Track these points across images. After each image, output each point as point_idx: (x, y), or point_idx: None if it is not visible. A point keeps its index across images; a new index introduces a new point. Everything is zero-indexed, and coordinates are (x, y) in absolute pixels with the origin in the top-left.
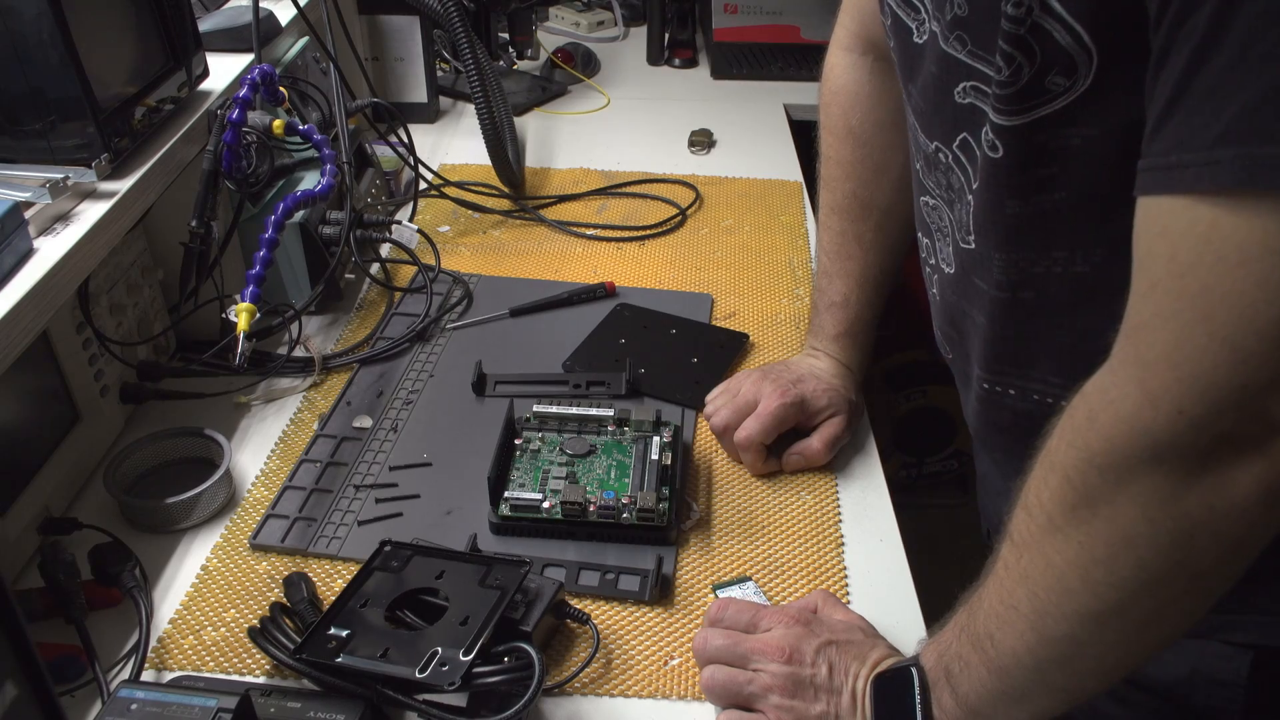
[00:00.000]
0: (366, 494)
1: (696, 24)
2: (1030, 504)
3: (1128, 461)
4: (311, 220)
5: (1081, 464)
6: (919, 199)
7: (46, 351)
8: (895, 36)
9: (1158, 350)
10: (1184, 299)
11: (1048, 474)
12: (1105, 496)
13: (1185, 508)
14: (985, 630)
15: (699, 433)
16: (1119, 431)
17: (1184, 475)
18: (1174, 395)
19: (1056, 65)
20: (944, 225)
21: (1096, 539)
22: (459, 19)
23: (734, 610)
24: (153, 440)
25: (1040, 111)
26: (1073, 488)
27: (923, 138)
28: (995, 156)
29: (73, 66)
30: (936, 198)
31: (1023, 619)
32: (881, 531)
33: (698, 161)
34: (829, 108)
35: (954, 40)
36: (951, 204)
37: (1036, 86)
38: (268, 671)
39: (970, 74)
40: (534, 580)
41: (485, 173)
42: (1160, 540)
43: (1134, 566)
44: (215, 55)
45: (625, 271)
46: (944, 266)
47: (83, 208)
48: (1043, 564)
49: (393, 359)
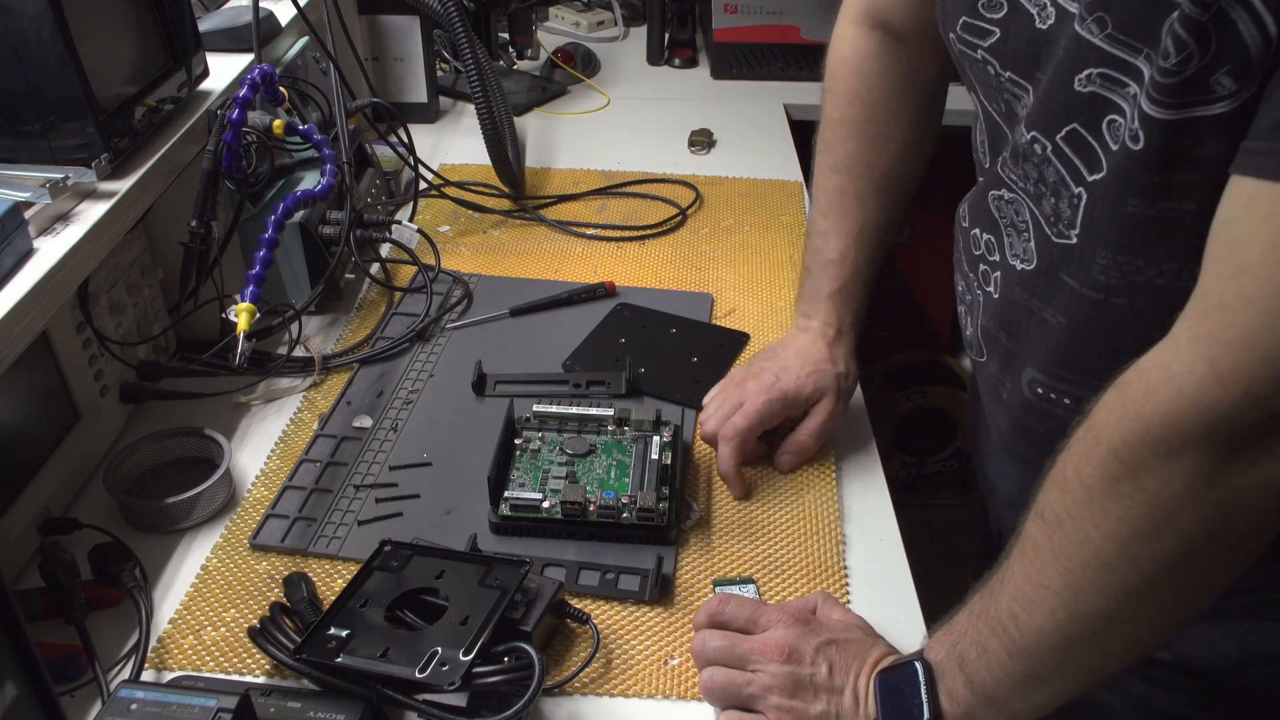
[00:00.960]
0: (366, 494)
1: (696, 24)
2: (1068, 479)
3: (1182, 436)
4: (311, 220)
5: (1132, 438)
6: (988, 193)
7: (46, 351)
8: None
9: (1235, 332)
10: (1274, 286)
11: (1091, 448)
12: (1152, 471)
13: (1229, 482)
14: (1009, 612)
15: (699, 432)
16: (1179, 407)
17: (1231, 450)
18: (1244, 376)
19: (1229, 63)
20: (1021, 220)
21: (1139, 513)
22: (459, 19)
23: (733, 606)
24: (153, 440)
25: (1195, 111)
26: (1119, 460)
27: (1019, 129)
28: (1134, 149)
29: (73, 66)
30: (1017, 190)
31: (1054, 596)
32: (881, 531)
33: (698, 161)
34: (835, 72)
35: (1092, 22)
36: (1040, 198)
37: (1200, 82)
38: (268, 671)
39: (1101, 59)
40: (534, 580)
41: (485, 173)
42: (1202, 513)
43: (1175, 539)
44: (215, 55)
45: (625, 271)
46: (1016, 262)
47: (83, 208)
48: (1079, 539)
49: (393, 359)
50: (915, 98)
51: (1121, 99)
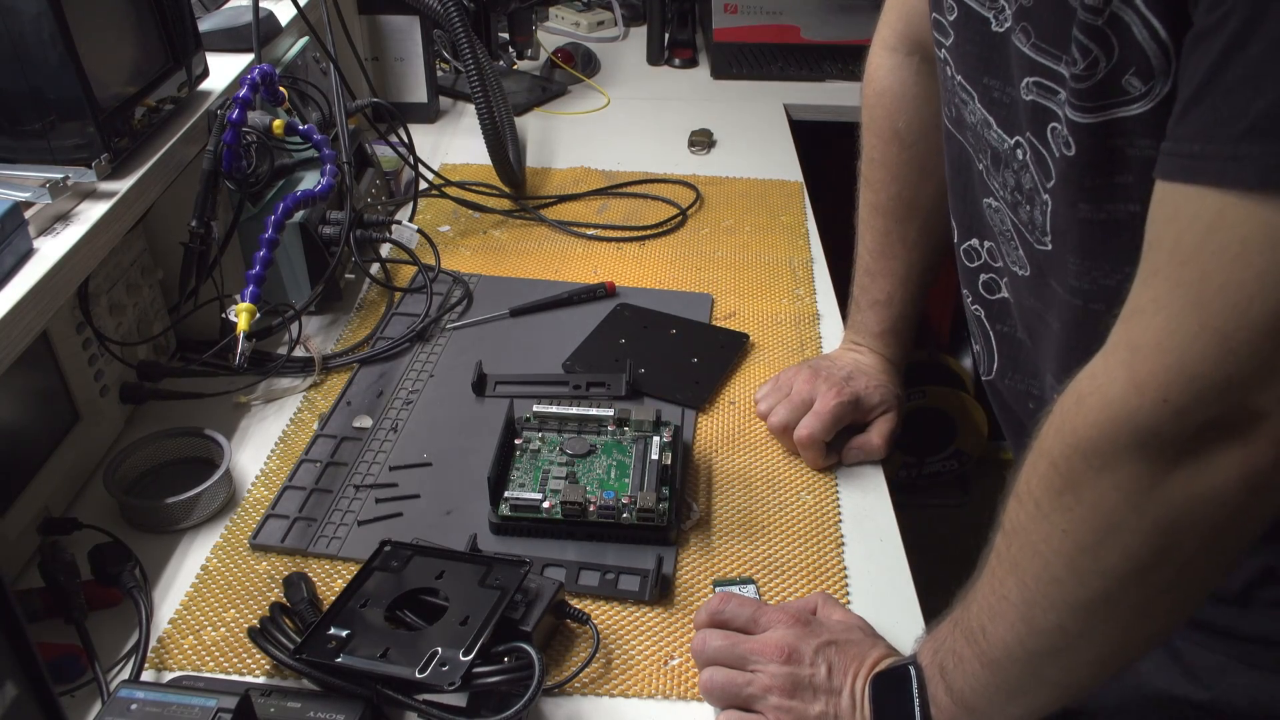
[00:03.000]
0: (366, 494)
1: (696, 24)
2: (1020, 492)
3: (1112, 447)
4: (311, 220)
5: (1067, 449)
6: (982, 201)
7: (46, 351)
8: (963, 30)
9: (1149, 336)
10: (1180, 286)
11: (1036, 460)
12: (1089, 482)
13: (1168, 494)
14: (978, 623)
15: (699, 433)
16: (1104, 416)
17: (1166, 462)
18: (1160, 382)
19: (1134, 64)
20: (1006, 228)
21: (1082, 526)
22: (459, 19)
23: (734, 606)
24: (153, 440)
25: (1115, 113)
26: (1059, 473)
27: (997, 133)
28: (1069, 154)
29: (73, 66)
30: (1000, 199)
31: (1013, 609)
32: (881, 531)
33: (698, 161)
34: (873, 109)
35: (1019, 31)
36: (1017, 205)
37: (1113, 85)
38: (268, 671)
39: (1034, 68)
40: (534, 580)
41: (485, 173)
42: (1144, 527)
43: (1120, 554)
44: (215, 55)
45: (625, 271)
46: (1016, 269)
47: (83, 208)
48: (1031, 552)
49: (393, 359)
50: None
51: (1056, 106)
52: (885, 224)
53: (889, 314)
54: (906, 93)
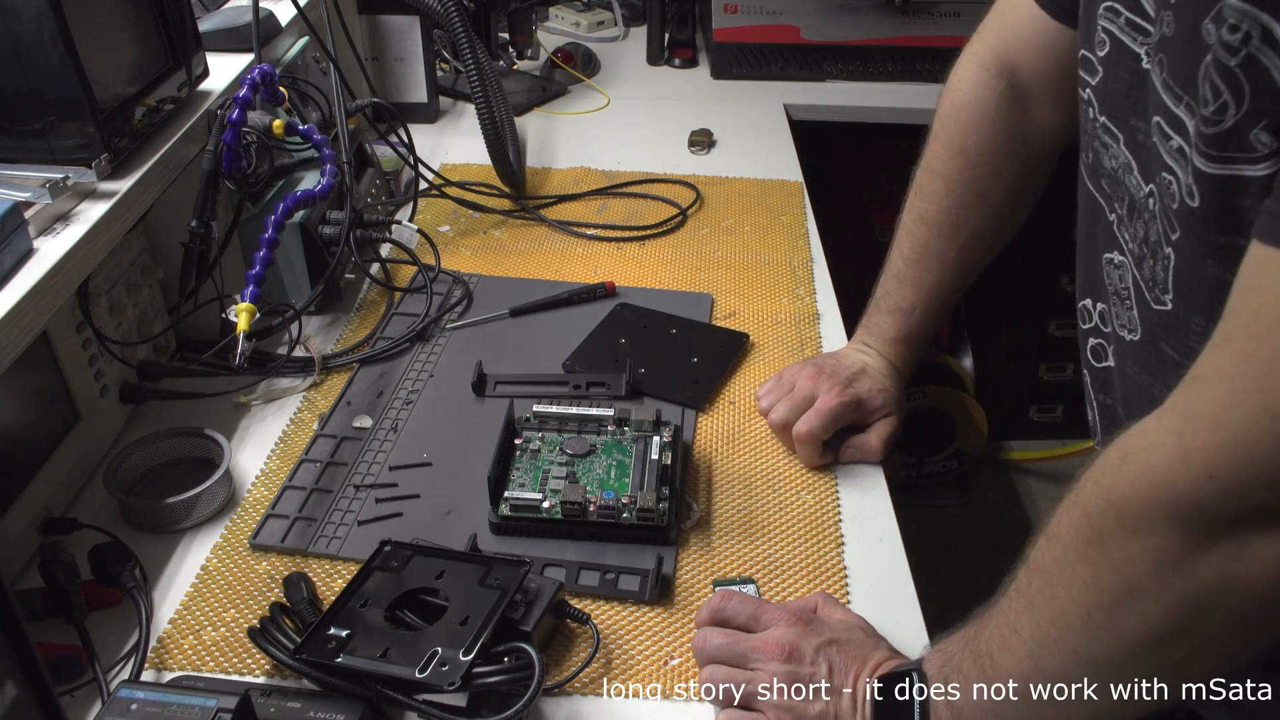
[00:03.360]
0: (366, 494)
1: (696, 24)
2: (1050, 532)
3: (1148, 512)
4: (311, 220)
5: (1102, 504)
6: (1102, 256)
7: (46, 351)
8: (1113, 66)
9: (1206, 407)
10: (1249, 362)
11: (1071, 506)
12: (1118, 542)
13: (1198, 572)
14: (987, 649)
15: (699, 432)
16: (1145, 481)
17: (1202, 538)
18: (1209, 459)
19: (1266, 116)
20: (1125, 286)
21: (1104, 583)
22: (459, 19)
23: (735, 604)
24: (153, 440)
25: (1239, 169)
26: (1090, 525)
27: (1136, 180)
28: (1192, 206)
29: (73, 66)
30: (1127, 253)
31: (1022, 645)
32: (881, 531)
33: (698, 161)
34: (947, 120)
35: (1155, 63)
36: (1142, 260)
37: (1240, 137)
38: (268, 671)
39: (1159, 107)
40: (534, 580)
41: (485, 173)
42: (1167, 599)
43: (1138, 620)
44: (215, 55)
45: (625, 271)
46: (1124, 333)
47: (83, 208)
48: (1049, 594)
49: (393, 359)
50: (1020, 160)
51: (1167, 154)
52: (927, 235)
53: (908, 323)
54: (985, 113)
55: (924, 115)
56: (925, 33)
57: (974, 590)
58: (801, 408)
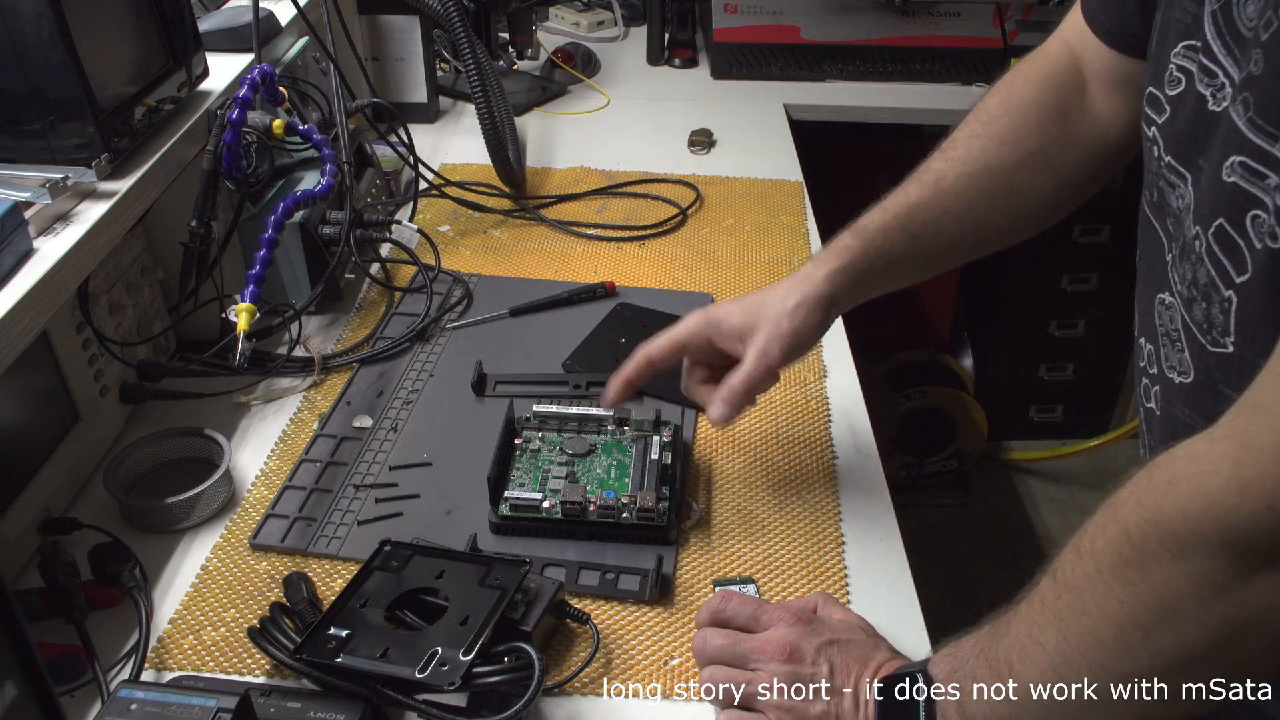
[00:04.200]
0: (366, 494)
1: (696, 24)
2: (1083, 547)
3: (1195, 538)
4: (311, 220)
5: (1145, 525)
6: (1155, 296)
7: (46, 351)
8: (1180, 107)
9: (1268, 439)
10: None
11: (1108, 523)
12: (1161, 564)
13: (1243, 597)
14: (1006, 658)
15: (699, 433)
16: (1196, 506)
17: (1251, 565)
18: (1268, 490)
19: None
20: (1174, 328)
21: (1141, 603)
22: (459, 19)
23: (735, 604)
24: (153, 440)
25: None
26: (1131, 545)
27: (1190, 222)
28: (1274, 247)
29: (73, 66)
30: (1176, 294)
31: (1047, 658)
32: (881, 531)
33: (698, 161)
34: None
35: (1239, 103)
36: (1191, 303)
37: None
38: (268, 671)
39: (1243, 146)
40: (534, 580)
41: (485, 172)
42: (1209, 621)
43: (1174, 639)
44: (215, 55)
45: (625, 271)
46: (1174, 375)
47: (83, 208)
48: (1079, 610)
49: (393, 359)
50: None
51: (1262, 191)
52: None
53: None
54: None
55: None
56: (925, 33)
57: (974, 590)
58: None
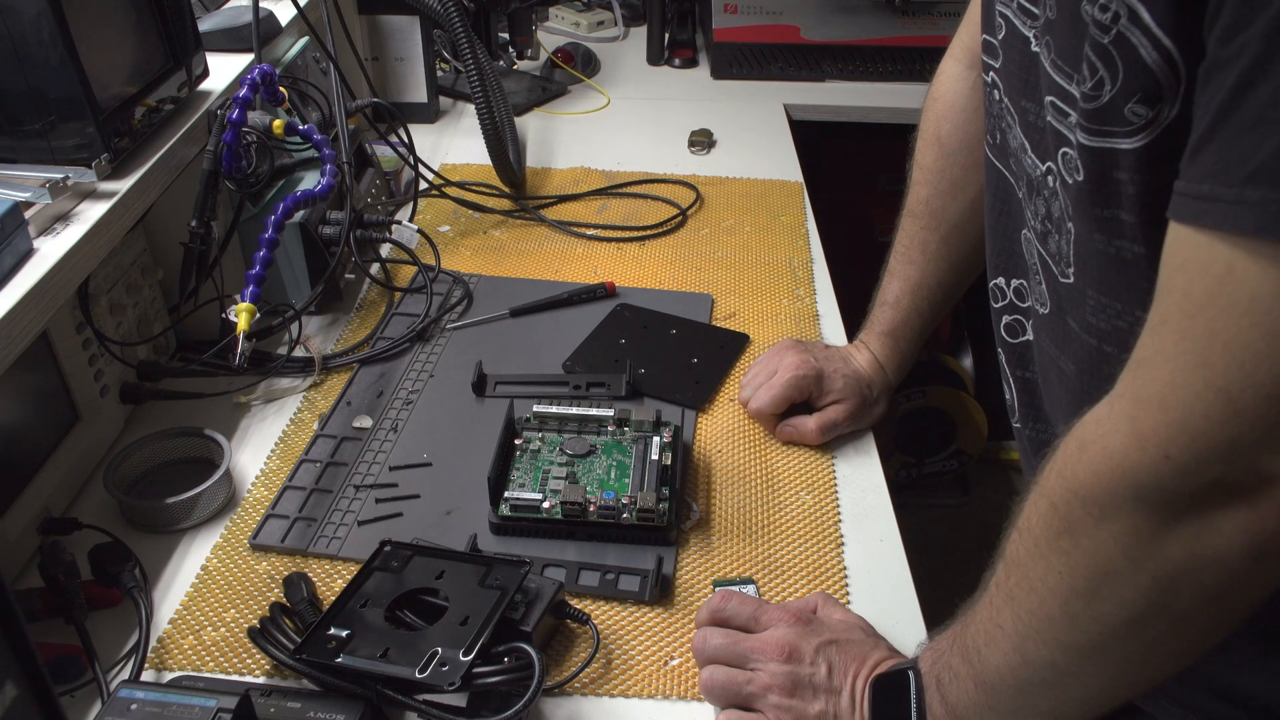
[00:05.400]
0: (366, 494)
1: (696, 24)
2: (1021, 526)
3: (1111, 498)
4: (311, 220)
5: (1067, 494)
6: (1020, 233)
7: (46, 351)
8: (1009, 49)
9: (1153, 389)
10: (1187, 340)
11: (1038, 498)
12: (1087, 530)
13: (1167, 551)
14: (974, 644)
15: (699, 433)
16: (1105, 467)
17: (1167, 518)
18: (1162, 438)
19: (1139, 90)
20: (1035, 261)
21: (1077, 571)
22: (459, 19)
23: (735, 604)
24: (153, 440)
25: (1116, 142)
26: (1058, 516)
27: (1031, 159)
28: (1079, 180)
29: (73, 66)
30: (1031, 229)
31: (1007, 639)
32: (881, 531)
33: (698, 161)
34: (926, 113)
35: (1043, 46)
36: (1047, 235)
37: (1116, 112)
38: (268, 671)
39: (1051, 87)
40: (534, 580)
41: (485, 173)
42: (1141, 580)
43: (1114, 604)
44: (215, 55)
45: (625, 271)
46: (1038, 307)
47: (83, 208)
48: (1027, 587)
49: (393, 359)
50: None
51: (1066, 129)
52: (911, 228)
53: (893, 317)
54: (957, 103)
55: None
56: (925, 33)
57: (974, 590)
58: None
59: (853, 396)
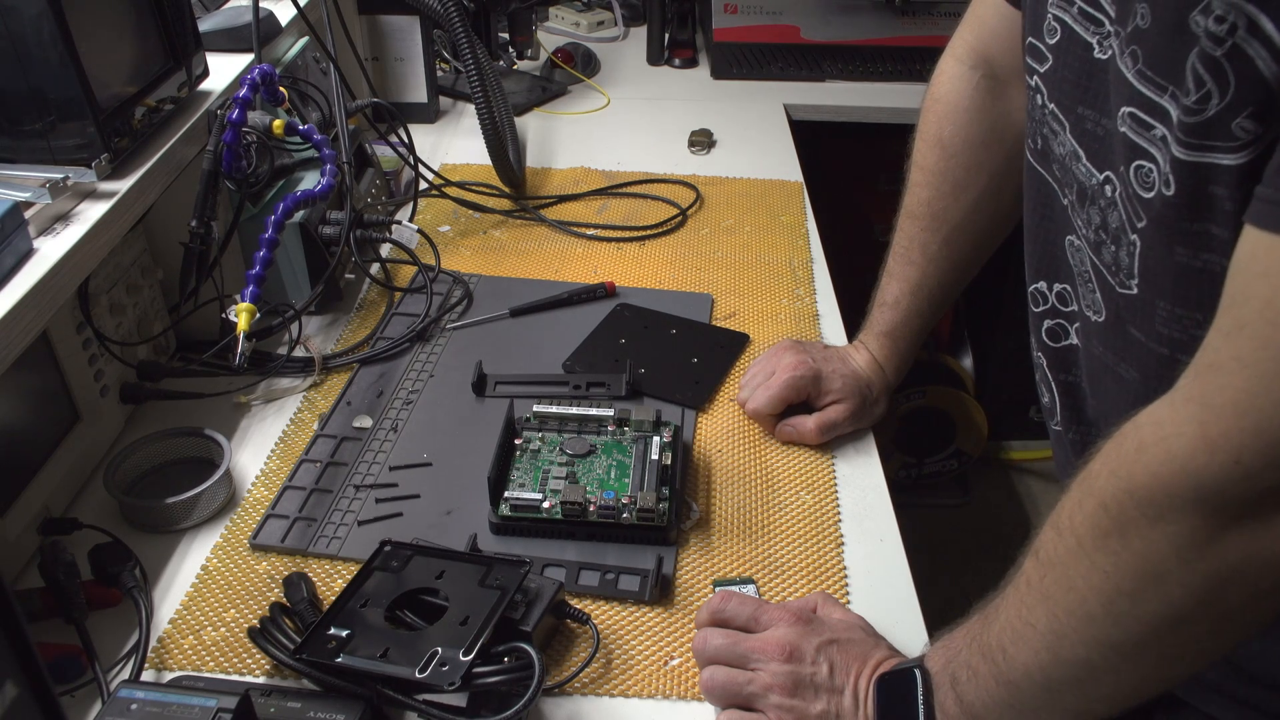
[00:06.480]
0: (366, 494)
1: (696, 24)
2: (1061, 524)
3: (1170, 500)
4: (311, 220)
5: (1120, 494)
6: (1064, 239)
7: (46, 351)
8: (1063, 55)
9: (1228, 395)
10: (1268, 348)
11: (1084, 497)
12: (1140, 530)
13: (1221, 552)
14: (998, 643)
15: (699, 433)
16: (1167, 470)
17: (1226, 520)
18: (1234, 444)
19: (1251, 105)
20: (1085, 269)
21: (1125, 571)
22: (459, 19)
23: (735, 604)
24: (153, 440)
25: (1218, 158)
26: (1108, 515)
27: (1085, 167)
28: (1168, 194)
29: (73, 66)
30: (1083, 238)
31: (1039, 637)
32: (881, 531)
33: (698, 161)
34: (926, 113)
35: (1127, 56)
36: (1100, 245)
37: (1221, 126)
38: (268, 671)
39: (1132, 98)
40: (534, 580)
41: (485, 173)
42: (1192, 581)
43: (1161, 602)
44: (215, 55)
45: (625, 271)
46: (1090, 314)
47: (83, 208)
48: (1066, 586)
49: (393, 359)
50: (1001, 151)
51: (1147, 143)
52: (911, 229)
53: (892, 318)
54: (959, 103)
55: None
56: (925, 33)
57: (974, 590)
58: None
59: (852, 396)
